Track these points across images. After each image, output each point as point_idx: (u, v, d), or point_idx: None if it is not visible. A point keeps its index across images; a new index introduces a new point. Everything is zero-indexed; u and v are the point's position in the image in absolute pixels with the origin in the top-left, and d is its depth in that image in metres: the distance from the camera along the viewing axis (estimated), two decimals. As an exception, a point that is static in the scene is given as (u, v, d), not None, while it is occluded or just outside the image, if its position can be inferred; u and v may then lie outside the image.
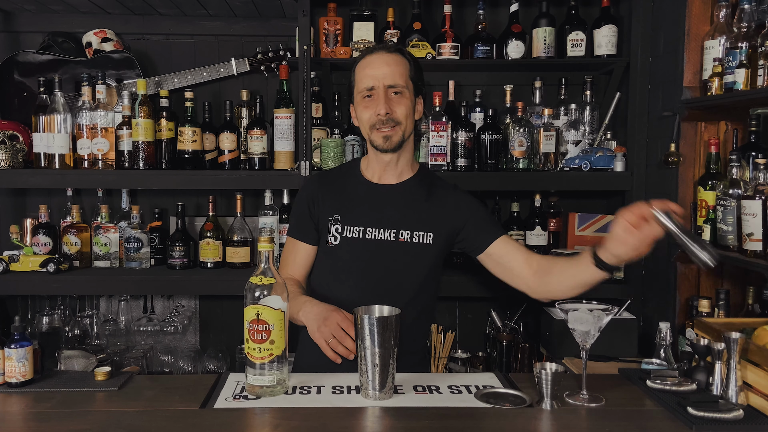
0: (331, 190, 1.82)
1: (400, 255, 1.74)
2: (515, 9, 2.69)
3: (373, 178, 1.81)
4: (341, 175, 1.87)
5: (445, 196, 1.81)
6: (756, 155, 1.94)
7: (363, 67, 1.74)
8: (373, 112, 1.71)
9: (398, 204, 1.77)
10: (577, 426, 1.31)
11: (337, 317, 1.60)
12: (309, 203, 1.82)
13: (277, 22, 2.88)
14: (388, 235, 1.75)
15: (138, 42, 2.90)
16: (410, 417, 1.32)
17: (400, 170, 1.80)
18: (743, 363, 1.36)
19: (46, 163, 2.57)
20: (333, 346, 1.59)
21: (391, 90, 1.70)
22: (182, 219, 2.73)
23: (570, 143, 2.67)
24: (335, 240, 1.77)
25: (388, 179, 1.80)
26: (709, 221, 2.05)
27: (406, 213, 1.77)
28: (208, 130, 2.67)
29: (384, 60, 1.71)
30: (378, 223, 1.75)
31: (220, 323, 2.98)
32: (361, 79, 1.73)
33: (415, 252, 1.75)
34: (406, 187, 1.81)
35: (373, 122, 1.71)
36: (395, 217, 1.76)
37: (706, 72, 2.12)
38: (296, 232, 1.85)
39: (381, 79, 1.70)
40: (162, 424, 1.29)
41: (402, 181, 1.81)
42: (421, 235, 1.75)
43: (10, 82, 2.74)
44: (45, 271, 2.55)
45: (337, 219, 1.77)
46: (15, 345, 1.45)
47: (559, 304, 1.47)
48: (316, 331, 1.62)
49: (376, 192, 1.80)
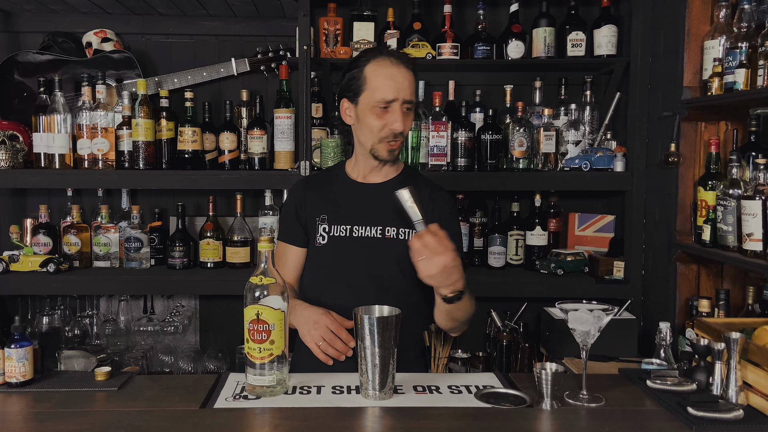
0: (317, 192, 1.84)
1: (387, 251, 1.75)
2: (515, 9, 2.69)
3: (358, 178, 1.82)
4: (327, 178, 1.89)
5: (427, 193, 1.82)
6: (756, 155, 1.93)
7: (382, 76, 1.68)
8: (386, 125, 1.68)
9: (383, 202, 1.76)
10: (577, 426, 1.31)
11: (326, 320, 1.63)
12: (296, 206, 1.84)
13: (277, 22, 2.88)
14: (374, 233, 1.76)
15: (138, 42, 2.90)
16: (410, 417, 1.32)
17: (386, 170, 1.82)
18: (743, 363, 1.36)
19: (46, 163, 2.57)
20: (323, 348, 1.62)
21: (405, 105, 1.69)
22: (182, 219, 2.73)
23: (570, 143, 2.67)
24: (323, 239, 1.78)
25: (374, 179, 1.82)
26: (709, 221, 2.05)
27: (390, 210, 1.75)
28: (208, 130, 2.67)
29: (404, 74, 1.68)
30: (364, 220, 1.77)
31: (220, 323, 2.98)
32: (379, 87, 1.67)
33: (401, 248, 1.74)
34: (391, 186, 1.79)
35: (385, 135, 1.69)
36: (381, 215, 1.76)
37: (706, 72, 2.12)
38: (285, 236, 1.87)
39: (401, 94, 1.67)
40: (162, 424, 1.29)
41: (387, 180, 1.82)
42: (406, 232, 1.76)
43: (10, 82, 2.74)
44: (45, 271, 2.55)
45: (324, 219, 1.79)
46: (15, 345, 1.45)
47: (559, 304, 1.47)
48: (306, 334, 1.65)
49: (361, 191, 1.81)
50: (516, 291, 2.61)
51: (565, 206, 2.86)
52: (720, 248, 2.00)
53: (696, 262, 2.26)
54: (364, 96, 1.70)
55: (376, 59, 1.70)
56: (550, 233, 2.77)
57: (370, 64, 1.70)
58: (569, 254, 2.65)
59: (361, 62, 1.72)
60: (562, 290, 2.51)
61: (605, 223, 2.75)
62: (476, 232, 2.80)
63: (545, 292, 2.57)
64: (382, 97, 1.67)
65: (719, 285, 2.25)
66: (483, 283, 2.57)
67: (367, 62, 1.71)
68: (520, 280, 2.65)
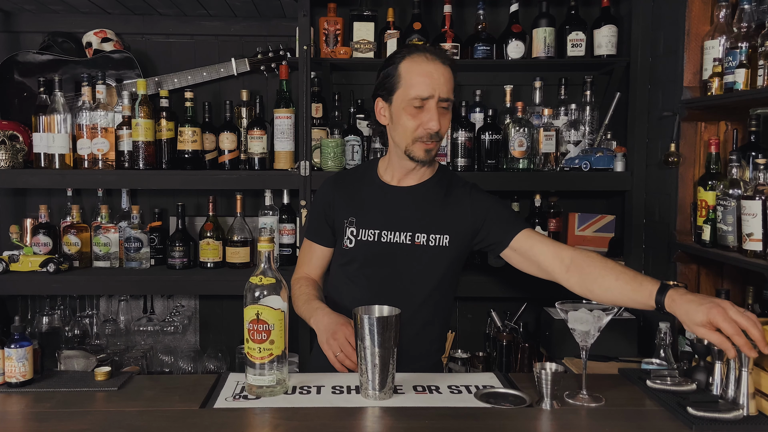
0: (346, 193, 1.79)
1: (415, 258, 1.71)
2: (515, 9, 2.69)
3: (391, 181, 1.77)
4: (358, 178, 1.83)
5: (462, 196, 1.76)
6: (756, 155, 1.93)
7: (417, 72, 1.62)
8: (421, 123, 1.63)
9: (414, 206, 1.73)
10: (577, 426, 1.31)
11: (345, 332, 1.59)
12: (325, 206, 1.80)
13: (277, 22, 2.88)
14: (403, 239, 1.71)
15: (138, 42, 2.90)
16: (410, 417, 1.32)
17: (421, 173, 1.76)
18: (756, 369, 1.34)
19: (46, 163, 2.57)
20: (341, 359, 1.59)
21: (441, 103, 1.64)
22: (182, 219, 2.73)
23: (570, 143, 2.67)
24: (350, 243, 1.75)
25: (408, 181, 1.76)
26: (709, 221, 2.05)
27: (422, 215, 1.73)
28: (208, 130, 2.66)
29: (440, 71, 1.63)
30: (393, 225, 1.72)
31: (220, 323, 2.98)
32: (415, 84, 1.62)
33: (431, 255, 1.72)
34: (424, 189, 1.76)
35: (420, 135, 1.64)
36: (411, 220, 1.72)
37: (706, 72, 2.12)
38: (312, 235, 1.85)
39: (437, 91, 1.62)
40: (162, 424, 1.29)
41: (422, 182, 1.77)
42: (437, 238, 1.71)
43: (10, 82, 2.74)
44: (45, 271, 2.55)
45: (353, 222, 1.75)
46: (15, 345, 1.45)
47: (559, 304, 1.47)
48: (324, 342, 1.63)
49: (392, 194, 1.76)
50: (516, 291, 2.61)
51: (565, 206, 2.86)
52: (720, 248, 2.00)
53: (696, 262, 2.26)
54: (399, 94, 1.65)
55: (411, 55, 1.65)
56: (550, 233, 2.77)
57: (405, 60, 1.64)
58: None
59: (396, 59, 1.67)
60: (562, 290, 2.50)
61: (605, 223, 2.75)
62: (476, 232, 2.80)
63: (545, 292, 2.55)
64: (417, 94, 1.61)
65: (719, 285, 2.25)
66: (483, 283, 2.57)
67: (402, 59, 1.65)
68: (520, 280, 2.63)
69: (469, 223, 1.74)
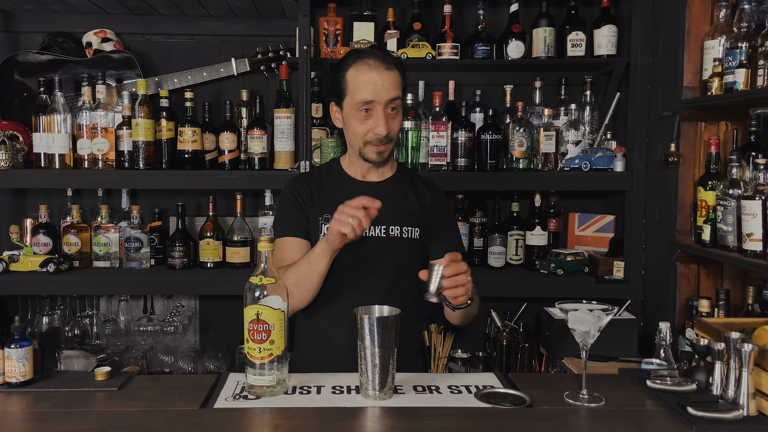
0: (319, 191, 1.82)
1: (391, 250, 1.76)
2: (515, 9, 2.69)
3: (357, 176, 1.83)
4: (325, 175, 1.87)
5: (425, 191, 1.85)
6: (756, 155, 1.93)
7: (362, 81, 1.68)
8: (370, 129, 1.69)
9: (385, 200, 1.72)
10: (577, 426, 1.31)
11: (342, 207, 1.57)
12: (299, 201, 1.80)
13: (277, 22, 2.88)
14: (378, 232, 1.76)
15: (138, 42, 2.90)
16: (410, 417, 1.32)
17: (382, 170, 1.83)
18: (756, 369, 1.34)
19: (46, 163, 2.57)
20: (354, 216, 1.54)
21: (389, 106, 1.69)
22: (182, 219, 2.73)
23: (570, 143, 2.67)
24: None
25: (372, 178, 1.83)
26: (709, 221, 2.05)
27: (393, 209, 1.77)
28: (208, 130, 2.67)
29: (384, 77, 1.67)
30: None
31: (220, 323, 2.98)
32: (359, 89, 1.68)
33: (405, 247, 1.78)
34: (390, 184, 1.83)
35: (370, 139, 1.70)
36: (384, 214, 1.73)
37: (706, 72, 2.12)
38: (288, 230, 1.80)
39: (381, 95, 1.67)
40: (162, 424, 1.29)
41: (385, 179, 1.83)
42: (409, 230, 1.78)
43: (10, 82, 2.74)
44: (45, 271, 2.55)
45: (327, 218, 1.76)
46: (15, 345, 1.45)
47: (558, 304, 1.47)
48: (334, 223, 1.57)
49: (363, 189, 1.78)
50: (516, 291, 2.61)
51: (565, 206, 2.86)
52: (720, 248, 2.00)
53: (696, 262, 2.26)
54: (347, 100, 1.72)
55: (356, 63, 1.71)
56: (550, 233, 2.77)
57: (351, 68, 1.71)
58: (569, 254, 2.65)
59: (344, 66, 1.73)
60: (562, 290, 2.51)
61: (605, 223, 2.75)
62: (476, 232, 2.80)
63: (545, 292, 2.57)
64: (361, 98, 1.68)
65: (719, 285, 2.25)
66: (483, 283, 2.54)
67: (348, 67, 1.72)
68: (520, 280, 2.65)
69: (430, 218, 1.83)
